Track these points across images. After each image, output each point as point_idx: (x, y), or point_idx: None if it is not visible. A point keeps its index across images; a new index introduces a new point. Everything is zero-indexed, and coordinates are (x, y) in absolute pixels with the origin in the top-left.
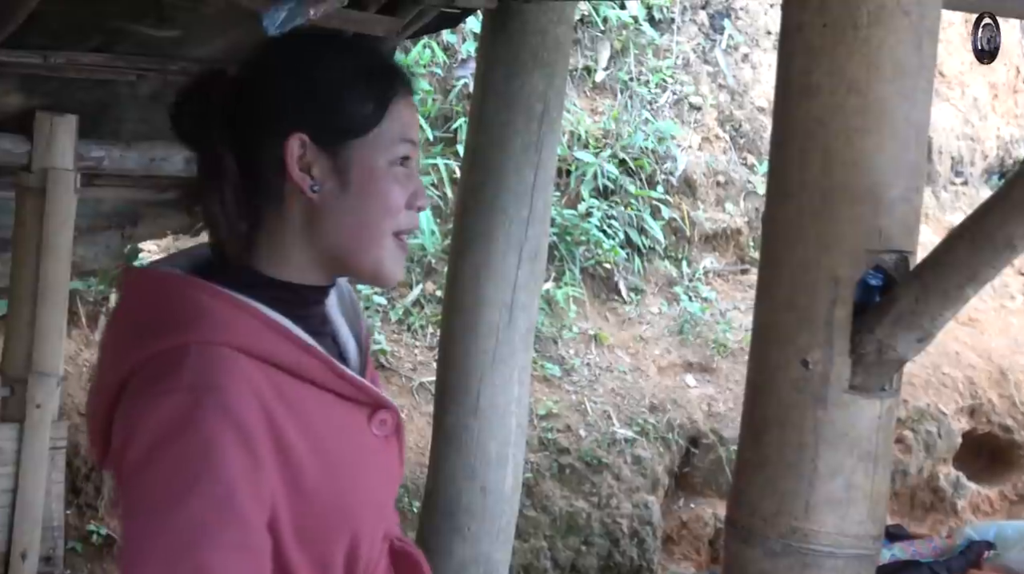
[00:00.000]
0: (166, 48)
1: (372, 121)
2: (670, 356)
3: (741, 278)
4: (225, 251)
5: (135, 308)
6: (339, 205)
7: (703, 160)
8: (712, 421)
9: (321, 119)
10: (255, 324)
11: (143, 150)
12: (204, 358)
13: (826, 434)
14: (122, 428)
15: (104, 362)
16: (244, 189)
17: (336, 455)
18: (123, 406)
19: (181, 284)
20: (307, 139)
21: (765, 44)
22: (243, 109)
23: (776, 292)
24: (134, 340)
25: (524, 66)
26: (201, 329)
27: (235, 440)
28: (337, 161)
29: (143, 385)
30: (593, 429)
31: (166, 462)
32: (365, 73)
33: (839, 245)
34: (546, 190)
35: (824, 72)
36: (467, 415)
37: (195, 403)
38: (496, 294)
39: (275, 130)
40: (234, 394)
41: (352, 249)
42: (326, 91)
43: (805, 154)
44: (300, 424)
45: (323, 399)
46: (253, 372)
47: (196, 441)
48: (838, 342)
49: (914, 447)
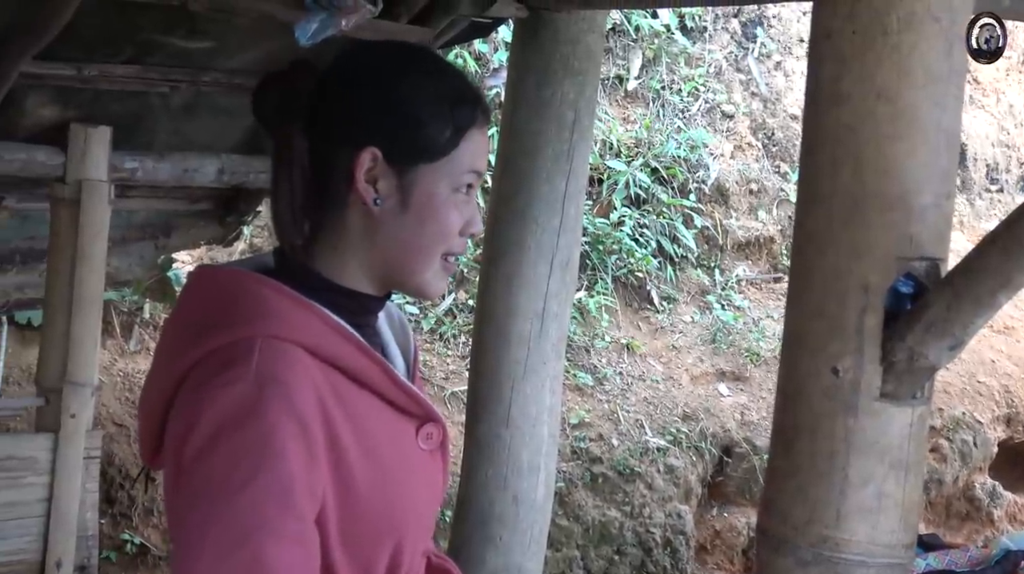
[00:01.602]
0: (198, 60)
1: (447, 148)
2: (703, 365)
3: (774, 286)
4: (287, 251)
5: (199, 305)
6: (396, 222)
7: (736, 168)
8: (745, 430)
9: (397, 138)
10: (319, 325)
11: (176, 161)
12: (270, 352)
13: (857, 442)
14: (183, 417)
15: (162, 356)
16: (312, 185)
17: (387, 462)
18: (183, 398)
19: (247, 281)
20: (379, 155)
21: (798, 52)
22: (324, 109)
23: (807, 300)
24: (197, 335)
25: (555, 75)
26: (267, 324)
27: (295, 434)
28: (403, 180)
29: (207, 376)
30: (625, 438)
31: (229, 449)
32: (449, 99)
33: (870, 252)
34: (578, 199)
35: (854, 79)
36: (499, 424)
37: (259, 393)
38: (528, 303)
39: (351, 138)
40: (296, 389)
41: (401, 265)
42: (408, 111)
43: (835, 161)
44: (355, 427)
45: (377, 406)
46: (315, 371)
47: (259, 430)
48: (869, 350)
49: (949, 456)
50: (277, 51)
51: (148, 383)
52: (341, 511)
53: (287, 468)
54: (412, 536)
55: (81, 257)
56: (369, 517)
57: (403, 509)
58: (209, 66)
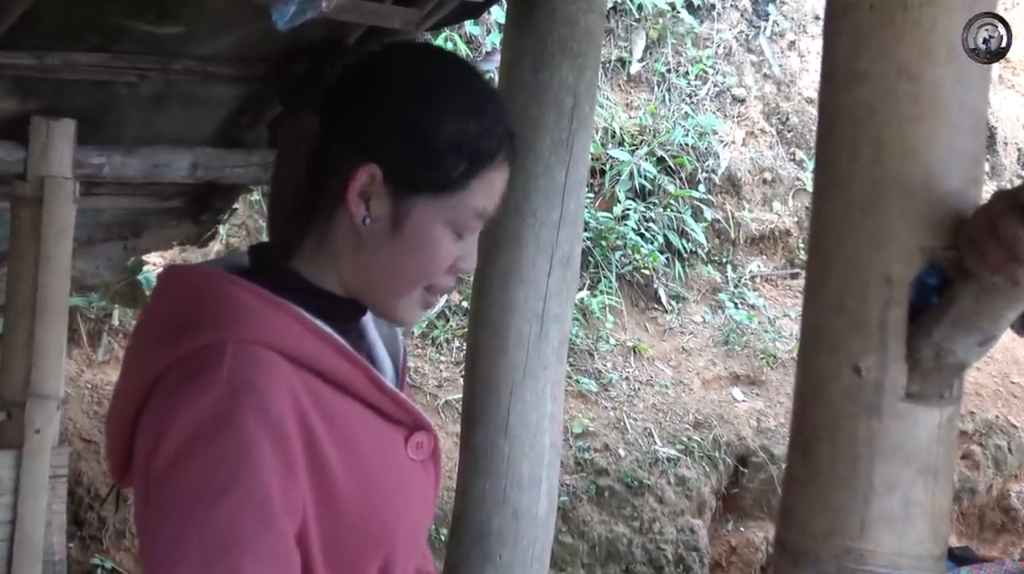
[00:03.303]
0: (169, 46)
1: (455, 185)
2: (715, 368)
3: (791, 283)
4: (267, 251)
5: (169, 307)
6: (381, 246)
7: (748, 156)
8: (762, 438)
9: (404, 163)
10: (296, 327)
11: (146, 156)
12: (243, 356)
13: (881, 446)
14: (153, 427)
15: (131, 363)
16: (312, 178)
17: (373, 473)
18: (153, 405)
19: (220, 281)
20: (379, 175)
21: (813, 30)
22: (341, 104)
23: (825, 293)
24: (167, 339)
25: (553, 58)
26: (240, 327)
27: (271, 444)
28: (398, 207)
29: (177, 382)
30: (633, 448)
31: (202, 459)
32: (474, 133)
33: (892, 242)
34: (578, 191)
35: (872, 56)
36: (497, 434)
37: (233, 401)
38: (526, 304)
39: (356, 149)
40: (272, 396)
41: (376, 288)
42: (424, 138)
43: (854, 144)
44: (337, 437)
45: (362, 414)
46: (292, 376)
47: (233, 439)
48: (893, 346)
49: (982, 463)
50: (253, 36)
51: (117, 393)
52: (324, 526)
53: (263, 480)
54: (403, 551)
55: (44, 259)
56: (355, 532)
57: (392, 523)
58: (180, 53)
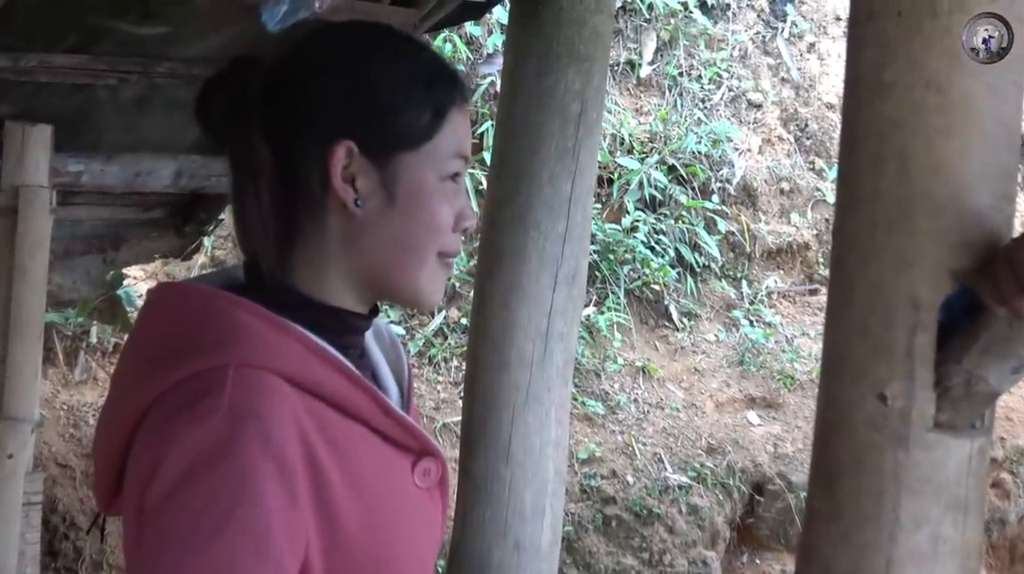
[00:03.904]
0: (152, 47)
1: (428, 133)
2: (729, 390)
3: (810, 300)
4: (260, 265)
5: (162, 328)
6: (382, 222)
7: (764, 165)
8: (779, 464)
9: (373, 127)
10: (299, 349)
11: (126, 164)
12: (245, 382)
13: (908, 479)
14: (147, 457)
15: (120, 387)
16: (282, 194)
17: (379, 502)
18: (148, 432)
19: (217, 300)
20: (355, 148)
21: (834, 31)
22: (283, 107)
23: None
24: (161, 363)
25: (558, 61)
26: (241, 350)
27: (274, 474)
28: (384, 174)
29: (173, 410)
30: (642, 475)
31: (201, 490)
32: (424, 78)
33: (920, 262)
34: (585, 202)
35: (900, 66)
36: (498, 460)
37: (233, 429)
38: (529, 321)
39: (319, 135)
40: (275, 424)
41: (392, 270)
42: (380, 96)
43: (879, 159)
44: (342, 464)
45: (367, 439)
46: (296, 402)
47: (233, 471)
48: (920, 374)
49: (1013, 492)
50: (241, 37)
51: (104, 417)
52: (328, 559)
53: (265, 514)
54: None
55: (19, 273)
56: (359, 563)
57: (399, 554)
58: (164, 55)
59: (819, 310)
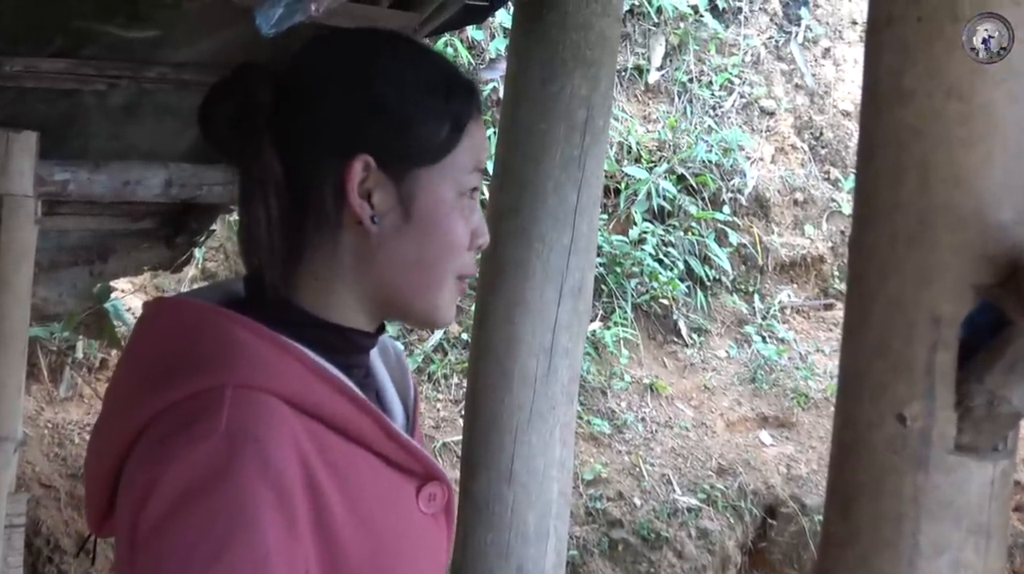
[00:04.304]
0: (141, 51)
1: (447, 146)
2: (741, 409)
3: (825, 315)
4: (262, 279)
5: (158, 345)
6: (398, 240)
7: (777, 175)
8: (792, 486)
9: (390, 141)
10: (300, 370)
11: (115, 172)
12: (243, 404)
13: (928, 503)
14: (140, 481)
15: (114, 405)
16: (291, 208)
17: (382, 530)
18: (142, 455)
19: (215, 317)
20: (372, 163)
21: (850, 36)
22: (294, 117)
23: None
24: (156, 382)
25: (564, 66)
26: (239, 370)
27: (273, 501)
28: (402, 190)
29: (168, 432)
30: (650, 496)
31: (196, 517)
32: (443, 89)
33: (940, 277)
34: (591, 213)
35: (919, 73)
36: (500, 481)
37: (230, 453)
38: (533, 337)
39: (334, 148)
40: (274, 448)
41: (408, 290)
42: (398, 108)
43: (898, 169)
44: (344, 491)
45: (370, 463)
46: (296, 425)
47: (230, 497)
48: (941, 393)
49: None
50: (234, 41)
51: (96, 435)
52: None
53: (262, 542)
54: None
55: (2, 286)
56: None
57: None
58: (154, 59)
59: (834, 326)
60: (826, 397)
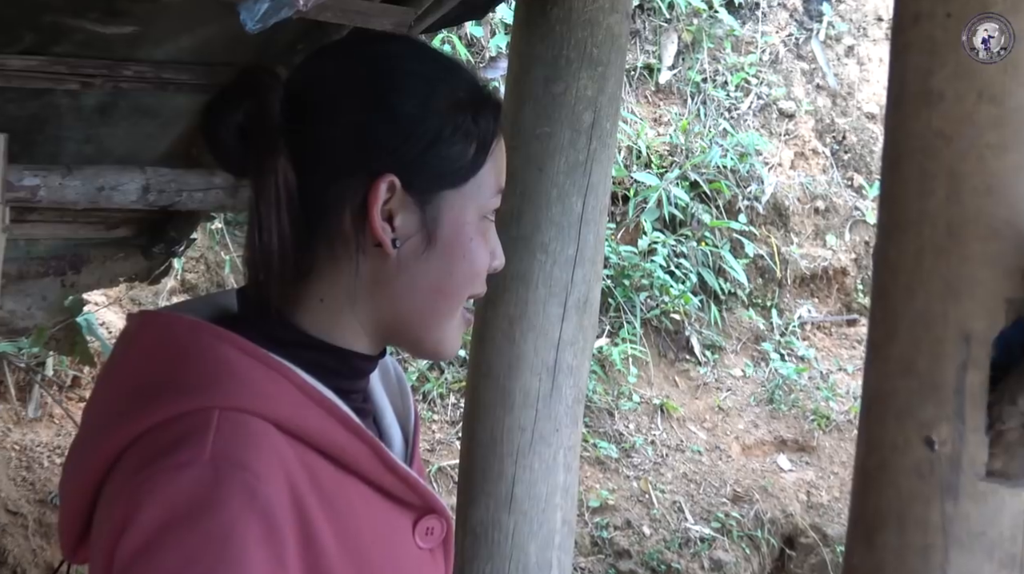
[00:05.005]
0: (117, 49)
1: (474, 167)
2: (757, 431)
3: (847, 331)
4: (261, 296)
5: (142, 363)
6: (418, 266)
7: (797, 181)
8: (812, 514)
9: (417, 160)
10: (293, 393)
11: (88, 177)
12: (231, 428)
13: (958, 533)
14: (120, 508)
15: (92, 426)
16: (302, 226)
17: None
18: (118, 482)
19: (203, 334)
20: (397, 183)
21: (875, 33)
22: (310, 131)
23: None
24: (138, 402)
25: (569, 66)
26: (227, 392)
27: (260, 535)
28: (426, 213)
29: (150, 455)
30: (660, 525)
31: (178, 550)
32: (471, 105)
33: (971, 292)
34: (598, 222)
35: (949, 74)
36: (499, 509)
37: (216, 482)
38: (535, 354)
39: (356, 166)
40: (263, 477)
41: (421, 318)
42: (426, 125)
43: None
44: (336, 524)
45: (365, 495)
46: (287, 452)
47: (215, 529)
48: (971, 416)
49: None
50: (217, 38)
51: (73, 456)
52: None
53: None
54: None
55: None
56: None
57: None
58: (131, 57)
59: (858, 343)
60: (849, 419)
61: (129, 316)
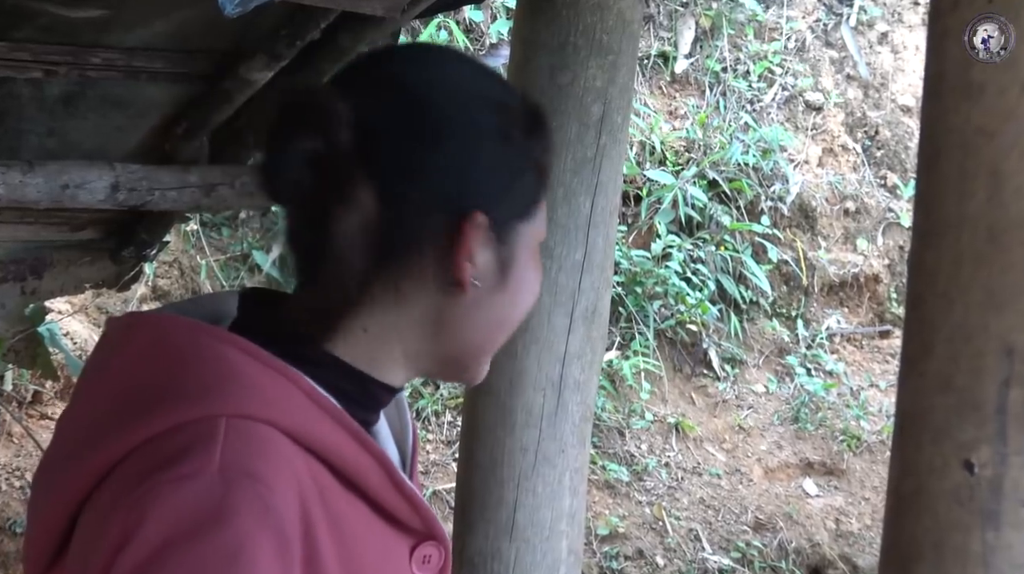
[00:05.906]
0: (85, 34)
1: (538, 195)
2: (781, 453)
3: (880, 344)
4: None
5: (133, 367)
6: (490, 301)
7: (825, 180)
8: (841, 544)
9: (500, 194)
10: (303, 400)
11: (52, 174)
12: (240, 437)
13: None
14: (119, 519)
15: (76, 436)
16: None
17: None
18: (114, 494)
19: (204, 336)
20: (486, 221)
21: (911, 19)
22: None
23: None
24: (133, 410)
25: (577, 54)
26: (235, 399)
27: (273, 551)
28: (502, 251)
29: (152, 466)
30: (675, 555)
31: (185, 566)
32: (536, 129)
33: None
34: (607, 224)
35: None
36: (500, 536)
37: (227, 493)
38: (539, 369)
39: (443, 202)
40: (277, 490)
41: (476, 352)
42: (506, 155)
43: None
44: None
45: (367, 518)
46: (298, 464)
47: (225, 542)
48: (1013, 437)
49: None
50: (193, 23)
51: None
52: None
53: None
54: None
55: None
56: None
57: None
58: (99, 43)
59: (891, 357)
60: (881, 440)
61: (111, 319)
